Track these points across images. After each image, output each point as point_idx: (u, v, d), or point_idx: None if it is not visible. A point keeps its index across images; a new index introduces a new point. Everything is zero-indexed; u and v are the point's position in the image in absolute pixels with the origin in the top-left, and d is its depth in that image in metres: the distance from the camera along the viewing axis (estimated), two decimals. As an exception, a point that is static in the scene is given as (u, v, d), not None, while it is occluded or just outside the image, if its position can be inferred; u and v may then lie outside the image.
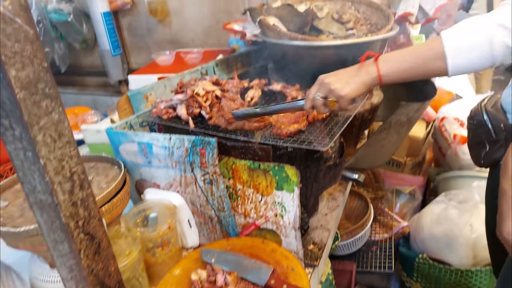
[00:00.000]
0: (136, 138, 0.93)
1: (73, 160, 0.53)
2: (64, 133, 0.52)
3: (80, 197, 0.54)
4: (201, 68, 1.42)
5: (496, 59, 0.82)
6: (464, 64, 0.84)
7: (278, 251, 0.83)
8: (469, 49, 0.82)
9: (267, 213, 0.86)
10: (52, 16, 2.50)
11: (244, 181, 0.87)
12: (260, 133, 0.93)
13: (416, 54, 0.88)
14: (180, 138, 0.87)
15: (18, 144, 0.49)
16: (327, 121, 1.00)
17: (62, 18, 2.51)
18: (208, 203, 0.91)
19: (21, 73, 0.46)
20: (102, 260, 0.57)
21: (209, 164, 0.85)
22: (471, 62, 0.83)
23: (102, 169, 0.97)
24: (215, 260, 0.81)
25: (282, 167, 0.79)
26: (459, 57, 0.83)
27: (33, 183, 0.51)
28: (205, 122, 1.01)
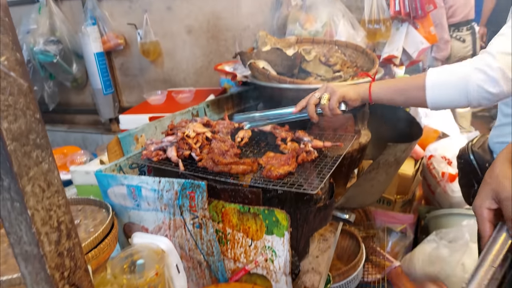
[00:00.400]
0: (125, 181, 0.93)
1: (61, 209, 0.53)
2: (53, 183, 0.52)
3: (67, 247, 0.53)
4: (192, 109, 1.45)
5: (472, 99, 0.91)
6: (441, 98, 0.95)
7: (268, 297, 0.81)
8: (446, 85, 0.93)
9: (257, 258, 0.85)
10: (39, 57, 2.55)
11: (234, 225, 0.86)
12: (249, 176, 0.94)
13: (404, 82, 1.02)
14: (170, 181, 0.87)
15: (5, 194, 0.49)
16: (316, 162, 1.01)
17: (48, 59, 2.56)
18: (197, 248, 0.90)
19: (13, 125, 0.47)
20: (86, 313, 0.55)
21: (199, 207, 0.85)
22: (447, 97, 0.94)
23: (90, 212, 0.96)
24: None
25: (272, 211, 0.79)
26: (437, 91, 0.94)
27: (19, 234, 0.51)
28: (195, 164, 1.01)
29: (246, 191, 0.85)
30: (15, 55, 0.47)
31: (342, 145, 1.10)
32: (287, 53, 1.48)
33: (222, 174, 0.94)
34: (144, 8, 2.49)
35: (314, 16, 1.81)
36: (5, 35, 0.46)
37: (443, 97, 0.94)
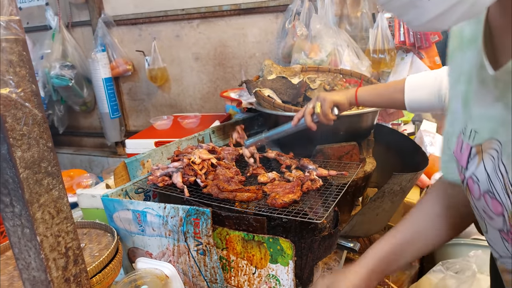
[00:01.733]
0: (131, 206, 0.94)
1: (69, 235, 0.54)
2: (63, 209, 0.53)
3: (73, 273, 0.54)
4: (198, 135, 1.47)
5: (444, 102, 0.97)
6: (417, 100, 1.04)
7: (272, 327, 0.80)
8: (422, 88, 1.02)
9: (261, 286, 0.84)
10: (55, 81, 2.63)
11: (238, 253, 0.86)
12: (254, 204, 0.95)
13: (387, 86, 1.13)
14: (175, 207, 0.88)
15: (16, 221, 0.51)
16: (321, 190, 1.02)
17: (63, 83, 2.63)
18: (201, 274, 0.89)
19: (27, 153, 0.49)
20: None
21: (203, 234, 0.86)
22: (422, 99, 1.03)
23: (95, 236, 0.96)
24: None
25: (277, 240, 0.79)
26: (413, 93, 1.03)
27: (28, 260, 0.52)
28: (200, 191, 1.02)
29: (251, 219, 0.85)
30: (31, 86, 0.49)
31: (347, 174, 1.10)
32: (292, 81, 1.52)
33: (227, 201, 0.95)
34: (153, 35, 2.57)
35: (319, 46, 1.86)
36: (23, 68, 0.48)
37: (418, 98, 1.03)
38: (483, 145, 0.53)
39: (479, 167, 0.54)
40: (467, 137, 0.57)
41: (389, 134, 1.60)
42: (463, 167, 0.58)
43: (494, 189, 0.52)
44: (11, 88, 0.47)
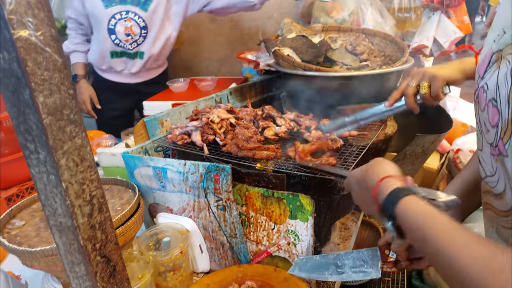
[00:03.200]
0: (151, 163, 0.95)
1: (93, 184, 0.55)
2: (86, 158, 0.53)
3: (98, 221, 0.55)
4: (215, 96, 1.45)
5: None
6: None
7: (290, 280, 0.82)
8: None
9: (279, 241, 0.85)
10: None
11: (257, 209, 0.87)
12: (273, 162, 0.94)
13: None
14: (195, 164, 0.88)
15: (42, 167, 0.51)
16: (341, 150, 1.00)
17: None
18: (221, 229, 0.91)
19: (49, 99, 0.49)
20: (116, 283, 0.57)
21: (223, 190, 0.86)
22: None
23: (117, 192, 0.98)
24: None
25: (297, 196, 0.79)
26: None
27: (54, 206, 0.52)
28: (219, 149, 1.02)
29: (270, 175, 0.85)
30: (50, 30, 0.48)
31: (369, 135, 1.08)
32: (312, 40, 1.46)
33: (246, 159, 0.95)
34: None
35: (341, 4, 1.78)
36: (41, 10, 0.47)
37: None
38: (503, 50, 0.54)
39: (493, 75, 0.55)
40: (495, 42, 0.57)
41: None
42: (480, 76, 0.60)
43: (498, 96, 0.53)
44: (30, 31, 0.46)
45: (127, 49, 2.00)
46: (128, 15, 1.91)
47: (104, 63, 2.06)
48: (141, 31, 1.96)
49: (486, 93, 0.57)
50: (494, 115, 0.55)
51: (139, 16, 1.92)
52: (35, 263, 0.74)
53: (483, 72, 0.60)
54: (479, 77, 0.61)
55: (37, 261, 0.74)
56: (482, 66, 0.60)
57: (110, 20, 1.90)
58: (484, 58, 0.60)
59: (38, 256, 0.72)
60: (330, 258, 0.73)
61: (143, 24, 1.94)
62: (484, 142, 0.61)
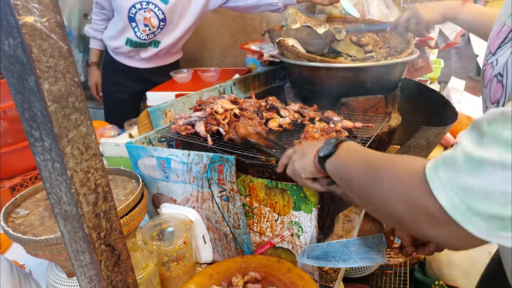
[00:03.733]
0: (155, 153, 0.95)
1: (98, 172, 0.54)
2: (91, 146, 0.53)
3: (103, 209, 0.55)
4: (219, 86, 1.44)
5: None
6: None
7: (293, 271, 0.82)
8: None
9: (283, 233, 0.85)
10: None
11: (261, 200, 0.87)
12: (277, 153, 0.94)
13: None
14: (199, 154, 0.88)
15: (47, 155, 0.51)
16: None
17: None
18: (224, 220, 0.91)
19: (54, 86, 0.48)
20: (121, 272, 0.57)
21: (227, 181, 0.86)
22: None
23: (121, 182, 0.98)
24: None
25: (301, 187, 0.79)
26: None
27: (59, 194, 0.52)
28: (223, 140, 1.02)
29: (275, 166, 0.84)
30: (55, 17, 0.47)
31: (373, 126, 1.07)
32: (317, 31, 1.45)
33: (250, 150, 0.94)
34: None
35: (346, -5, 1.75)
36: (46, -4, 0.46)
37: None
38: None
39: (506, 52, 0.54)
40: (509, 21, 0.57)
41: (416, 88, 1.54)
42: (491, 52, 0.59)
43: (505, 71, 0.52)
44: (35, 17, 0.45)
45: (143, 39, 2.00)
46: (149, 6, 1.90)
47: (118, 46, 2.06)
48: (160, 23, 1.95)
49: (493, 69, 0.56)
50: (496, 90, 0.54)
51: (159, 8, 1.91)
52: (40, 252, 0.75)
53: (495, 48, 0.58)
54: (489, 53, 0.60)
55: (42, 250, 0.74)
56: (494, 41, 0.59)
57: (130, 8, 1.90)
58: (499, 34, 0.58)
59: (43, 245, 0.72)
60: (336, 246, 0.73)
61: (162, 17, 1.93)
62: None
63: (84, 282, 0.57)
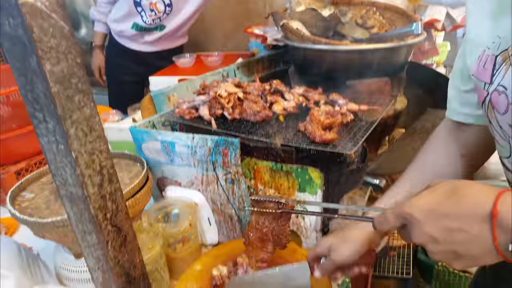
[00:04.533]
0: (159, 137, 0.95)
1: (102, 154, 0.54)
2: (95, 128, 0.53)
3: (109, 191, 0.55)
4: (222, 70, 1.43)
5: None
6: None
7: (298, 251, 0.82)
8: None
9: (287, 215, 0.86)
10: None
11: (266, 182, 0.87)
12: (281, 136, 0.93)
13: None
14: (203, 138, 0.88)
15: (51, 137, 0.51)
16: (350, 125, 0.99)
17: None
18: (229, 202, 0.91)
19: (56, 67, 0.48)
20: (128, 252, 0.58)
21: (232, 164, 0.86)
22: None
23: (125, 166, 0.98)
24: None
25: (306, 170, 0.79)
26: None
27: (65, 176, 0.52)
28: (227, 123, 1.01)
29: (279, 149, 0.84)
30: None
31: (379, 109, 1.06)
32: (322, 13, 1.43)
33: (255, 133, 0.94)
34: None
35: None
36: (46, -24, 0.45)
37: None
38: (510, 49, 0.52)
39: (506, 74, 0.52)
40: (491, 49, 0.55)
41: (422, 72, 1.52)
42: (487, 82, 0.56)
43: None
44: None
45: (149, 24, 1.98)
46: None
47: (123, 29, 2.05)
48: (166, 8, 1.94)
49: (505, 94, 0.52)
50: None
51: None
52: (46, 234, 0.76)
53: (489, 77, 0.55)
54: (485, 84, 0.56)
55: (48, 232, 0.75)
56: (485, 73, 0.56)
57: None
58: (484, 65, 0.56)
59: (49, 227, 0.73)
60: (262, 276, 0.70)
61: (168, 2, 1.91)
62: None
63: (92, 262, 0.57)
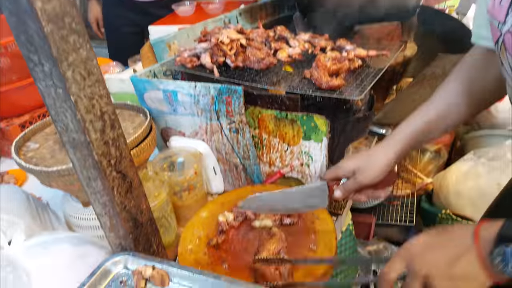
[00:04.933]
0: (161, 86, 0.92)
1: (103, 99, 0.53)
2: (93, 72, 0.51)
3: (111, 137, 0.54)
4: (224, 16, 1.37)
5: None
6: None
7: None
8: None
9: (292, 162, 0.85)
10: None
11: (270, 131, 0.85)
12: (286, 83, 0.91)
13: None
14: (206, 86, 0.85)
15: (48, 81, 0.49)
16: (358, 72, 0.96)
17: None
18: (234, 151, 0.91)
19: (47, 5, 0.45)
20: (134, 198, 0.58)
21: (235, 112, 0.84)
22: None
23: (128, 116, 0.97)
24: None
25: (311, 117, 0.77)
26: None
27: (65, 122, 0.51)
28: (230, 71, 0.98)
29: (284, 97, 0.82)
30: None
31: (388, 55, 1.02)
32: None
33: (259, 81, 0.91)
34: None
35: None
36: None
37: None
38: None
39: None
40: None
41: (434, 16, 1.44)
42: (501, 22, 0.53)
43: None
44: None
45: None
46: None
47: None
48: None
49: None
50: None
51: None
52: (53, 183, 0.76)
53: (503, 16, 0.51)
54: (499, 23, 0.53)
55: (55, 181, 0.75)
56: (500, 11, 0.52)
57: None
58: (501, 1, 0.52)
59: (55, 176, 0.74)
60: (278, 195, 0.69)
61: None
62: None
63: (98, 208, 0.58)
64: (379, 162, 0.64)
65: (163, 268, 0.56)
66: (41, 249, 0.60)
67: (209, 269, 0.67)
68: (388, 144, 0.67)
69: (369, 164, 0.65)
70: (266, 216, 0.76)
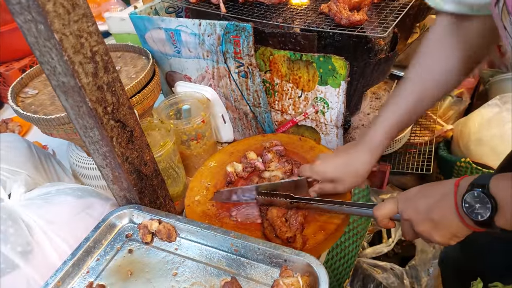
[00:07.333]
0: (162, 24, 0.84)
1: (92, 37, 0.46)
2: (79, 4, 0.44)
3: (106, 81, 0.48)
4: None
5: None
6: None
7: (317, 148, 0.78)
8: None
9: (306, 110, 0.79)
10: None
11: (283, 75, 0.78)
12: (301, 20, 0.81)
13: None
14: (211, 24, 0.77)
15: (27, 15, 0.42)
16: (381, 6, 0.85)
17: None
18: (243, 98, 0.84)
19: None
20: (136, 149, 0.54)
21: (244, 54, 0.77)
22: None
23: (130, 59, 0.90)
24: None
25: (329, 58, 0.69)
26: None
27: (52, 64, 0.45)
28: (238, 7, 0.89)
29: (299, 35, 0.74)
30: None
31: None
32: None
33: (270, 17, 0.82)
34: None
35: None
36: None
37: None
38: None
39: None
40: None
41: None
42: None
43: None
44: None
45: None
46: None
47: None
48: None
49: None
50: None
51: None
52: (54, 131, 0.72)
53: None
54: None
55: (55, 129, 0.71)
56: None
57: None
58: None
59: (55, 124, 0.69)
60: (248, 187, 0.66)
61: None
62: None
63: (99, 159, 0.54)
64: (359, 171, 0.62)
65: (169, 223, 0.53)
66: (42, 202, 0.57)
67: (216, 221, 0.64)
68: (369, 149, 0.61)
69: (348, 173, 0.62)
70: (276, 168, 0.71)
